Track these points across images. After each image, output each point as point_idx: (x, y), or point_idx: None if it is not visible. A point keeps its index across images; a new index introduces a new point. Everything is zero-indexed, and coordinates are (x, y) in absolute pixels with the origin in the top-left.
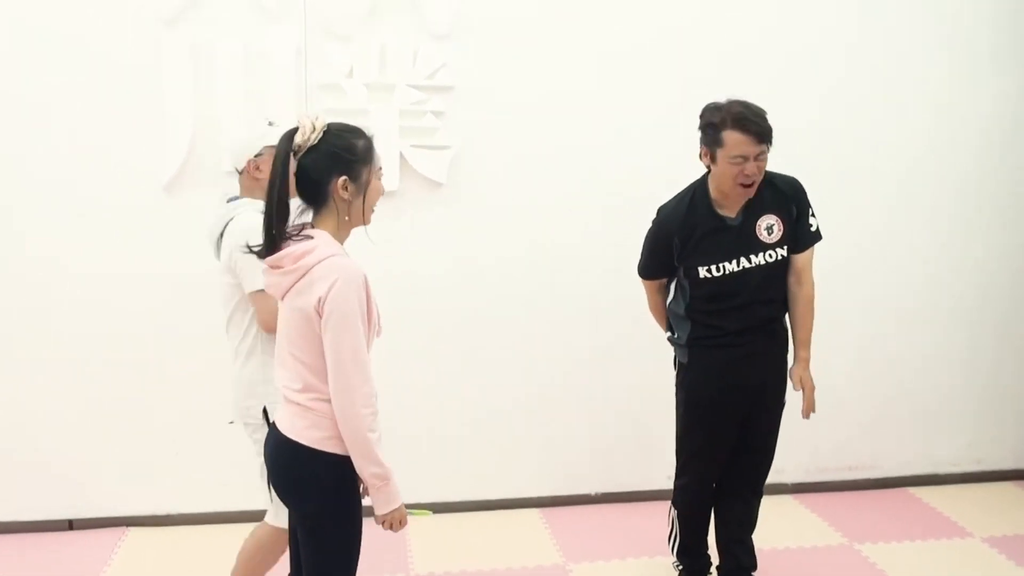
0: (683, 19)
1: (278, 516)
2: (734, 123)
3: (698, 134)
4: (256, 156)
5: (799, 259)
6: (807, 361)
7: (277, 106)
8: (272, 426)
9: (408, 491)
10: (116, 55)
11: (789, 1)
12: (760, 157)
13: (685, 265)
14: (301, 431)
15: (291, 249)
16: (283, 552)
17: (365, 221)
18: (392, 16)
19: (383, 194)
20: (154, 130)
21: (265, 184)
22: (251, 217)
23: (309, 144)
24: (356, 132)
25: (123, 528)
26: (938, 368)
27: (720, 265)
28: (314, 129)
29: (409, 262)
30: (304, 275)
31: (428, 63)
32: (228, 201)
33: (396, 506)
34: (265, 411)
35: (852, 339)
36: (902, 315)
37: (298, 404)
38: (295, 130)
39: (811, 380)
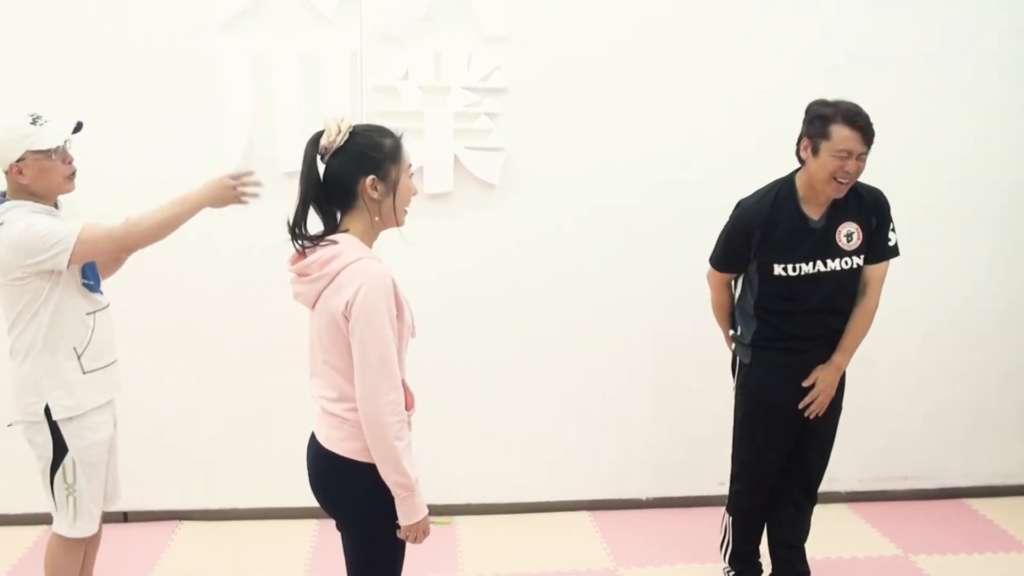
0: (741, 21)
1: (59, 524)
2: (844, 118)
3: (760, 135)
4: (18, 160)
5: (870, 271)
6: (839, 368)
7: (333, 109)
8: (312, 436)
9: (459, 492)
10: (174, 61)
11: (839, 8)
12: (861, 157)
13: (761, 260)
14: (338, 442)
15: (317, 255)
16: (81, 558)
17: (398, 222)
18: (447, 19)
19: (415, 193)
20: (211, 134)
21: (31, 188)
22: (23, 222)
23: (336, 146)
24: (383, 131)
25: (176, 522)
26: (997, 377)
27: (797, 265)
28: (339, 131)
29: (462, 263)
30: (332, 280)
31: (482, 65)
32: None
33: (420, 518)
34: (47, 408)
35: (908, 345)
36: (960, 321)
37: (334, 415)
38: (320, 133)
39: (830, 387)
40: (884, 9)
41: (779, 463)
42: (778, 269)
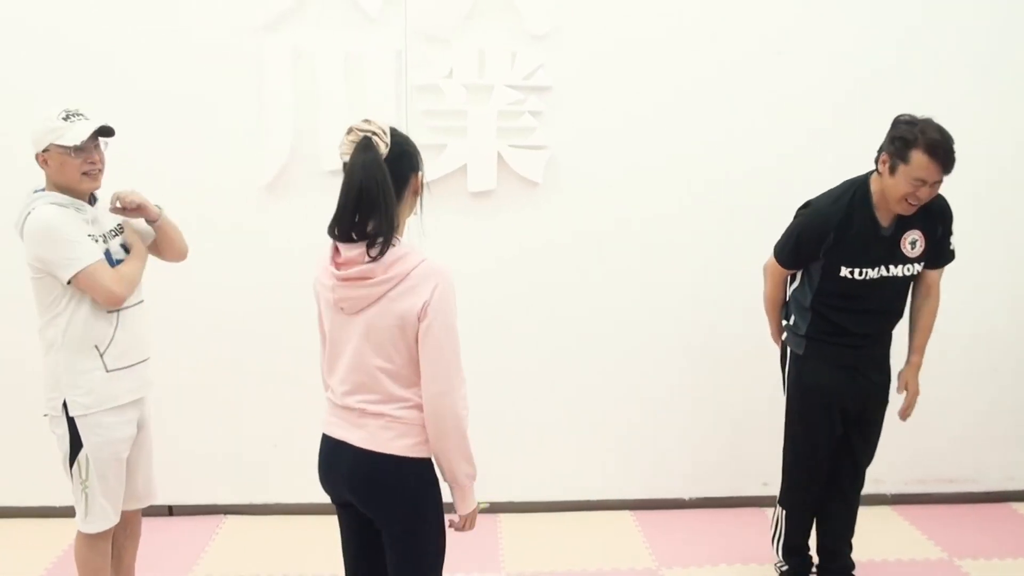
0: (784, 21)
1: (77, 517)
2: (927, 147)
3: (801, 137)
4: (44, 151)
5: (931, 275)
6: (918, 367)
7: (376, 108)
8: (335, 443)
9: (501, 490)
10: (219, 60)
11: (879, 5)
12: (935, 185)
13: (828, 260)
14: (389, 442)
15: (381, 260)
16: (107, 552)
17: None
18: (491, 17)
19: None
20: (256, 133)
21: (53, 179)
22: (46, 212)
23: (389, 149)
24: (399, 131)
25: (221, 516)
26: None
27: (864, 270)
28: (385, 132)
29: (505, 261)
30: (399, 283)
31: (526, 63)
32: (35, 192)
33: (475, 505)
34: (65, 404)
35: (954, 347)
36: (1006, 323)
37: (380, 415)
38: (366, 139)
39: (917, 386)
40: (922, 11)
41: (830, 454)
42: (845, 271)
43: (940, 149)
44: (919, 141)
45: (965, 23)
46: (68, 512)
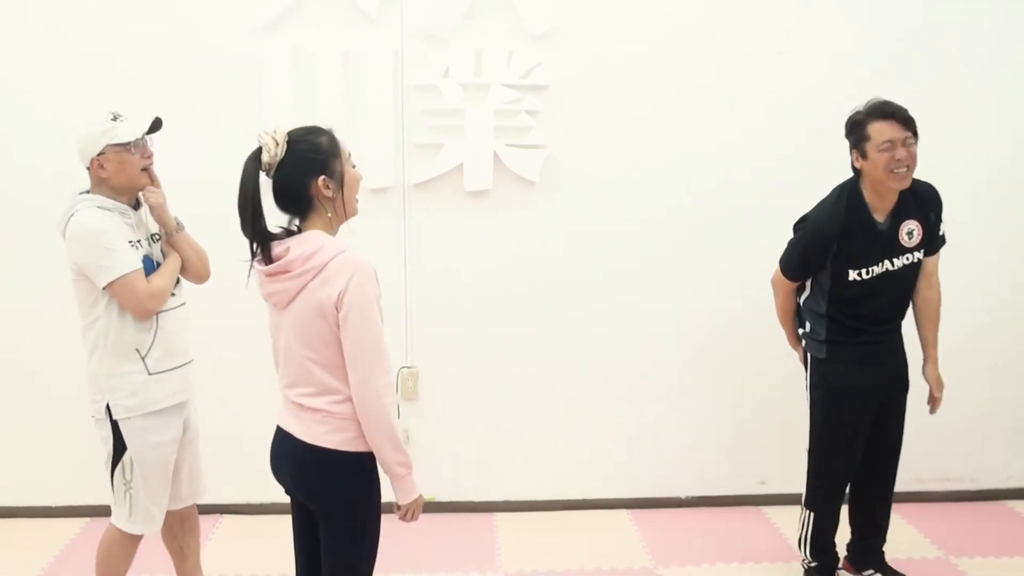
0: (782, 21)
1: (117, 517)
2: (876, 114)
3: (802, 136)
4: (99, 155)
5: (929, 262)
6: (936, 360)
7: (375, 107)
8: (283, 433)
9: (498, 489)
10: (219, 60)
11: (879, 9)
12: (907, 143)
13: (835, 267)
14: (323, 436)
15: (298, 252)
16: (132, 554)
17: (350, 213)
18: (489, 17)
19: (362, 179)
20: (256, 133)
21: (112, 182)
22: (89, 216)
23: (278, 159)
24: (317, 131)
25: (217, 515)
26: None
27: (869, 269)
28: (277, 144)
29: (502, 260)
30: (317, 274)
31: (523, 63)
32: (80, 193)
33: (417, 495)
34: (108, 407)
35: (950, 344)
36: (1003, 320)
37: (315, 409)
38: (259, 150)
39: (942, 380)
40: (922, 11)
41: (860, 452)
42: (853, 275)
43: (887, 108)
44: (866, 115)
45: (965, 23)
46: (68, 512)
